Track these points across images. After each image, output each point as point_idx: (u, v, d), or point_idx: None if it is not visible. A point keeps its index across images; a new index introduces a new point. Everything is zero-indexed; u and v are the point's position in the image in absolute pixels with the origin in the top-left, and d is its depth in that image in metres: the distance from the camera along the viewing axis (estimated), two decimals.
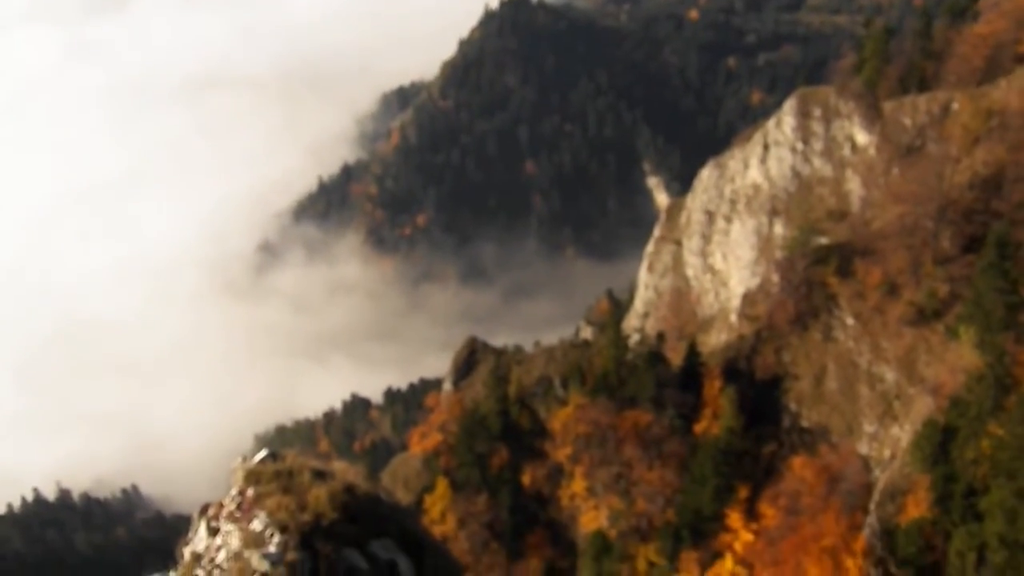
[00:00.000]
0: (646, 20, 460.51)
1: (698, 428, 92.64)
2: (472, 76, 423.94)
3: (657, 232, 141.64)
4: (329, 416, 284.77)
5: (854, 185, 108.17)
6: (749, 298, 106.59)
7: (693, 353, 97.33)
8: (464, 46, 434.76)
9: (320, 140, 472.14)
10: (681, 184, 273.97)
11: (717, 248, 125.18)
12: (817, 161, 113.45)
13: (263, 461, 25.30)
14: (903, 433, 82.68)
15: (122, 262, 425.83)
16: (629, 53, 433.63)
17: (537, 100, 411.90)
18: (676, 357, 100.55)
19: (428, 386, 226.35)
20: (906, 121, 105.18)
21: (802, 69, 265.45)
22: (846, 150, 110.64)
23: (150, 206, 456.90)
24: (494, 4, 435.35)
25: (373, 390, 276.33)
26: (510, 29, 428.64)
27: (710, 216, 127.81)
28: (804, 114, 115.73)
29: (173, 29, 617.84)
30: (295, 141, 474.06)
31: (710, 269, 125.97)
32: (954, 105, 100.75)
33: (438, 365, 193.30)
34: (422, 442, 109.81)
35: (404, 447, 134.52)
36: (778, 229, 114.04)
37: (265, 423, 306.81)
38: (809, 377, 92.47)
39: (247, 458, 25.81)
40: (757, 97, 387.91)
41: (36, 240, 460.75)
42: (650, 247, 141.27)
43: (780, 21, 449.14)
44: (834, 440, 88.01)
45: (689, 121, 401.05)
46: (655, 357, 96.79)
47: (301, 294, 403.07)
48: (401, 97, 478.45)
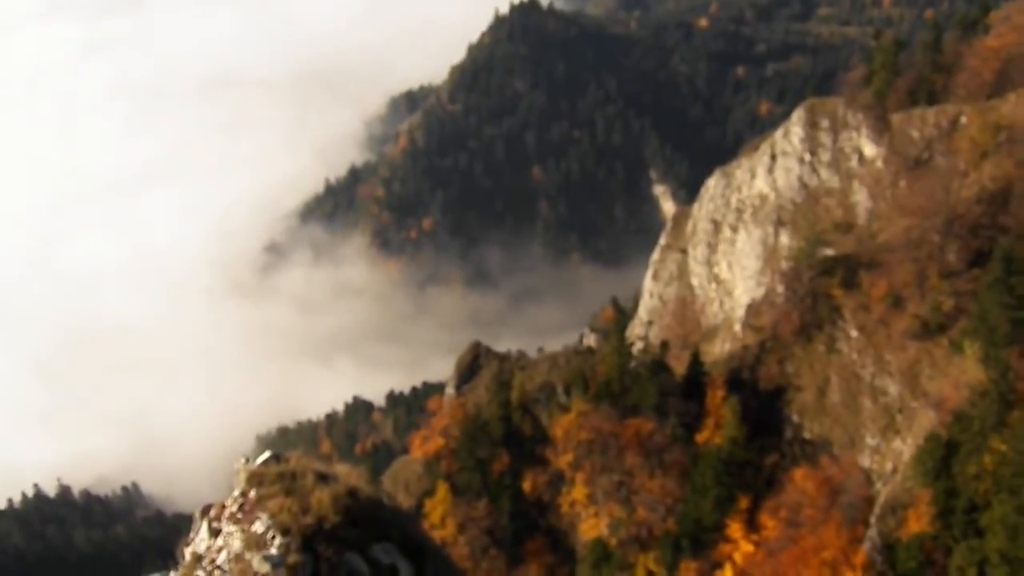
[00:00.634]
0: (656, 28, 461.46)
1: (700, 438, 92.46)
2: (481, 81, 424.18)
3: (663, 240, 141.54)
4: (331, 418, 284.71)
5: (861, 197, 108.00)
6: (754, 308, 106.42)
7: (696, 362, 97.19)
8: (473, 51, 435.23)
9: (328, 142, 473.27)
10: (688, 193, 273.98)
11: (723, 257, 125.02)
12: (824, 172, 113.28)
13: (266, 463, 25.33)
14: (905, 447, 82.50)
15: (131, 261, 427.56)
16: (638, 61, 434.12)
17: (546, 106, 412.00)
18: (679, 366, 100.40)
19: (431, 389, 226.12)
20: (914, 134, 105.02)
21: (811, 80, 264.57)
22: (853, 162, 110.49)
23: (160, 205, 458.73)
24: (504, 9, 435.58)
25: (376, 392, 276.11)
26: (520, 35, 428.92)
27: (716, 225, 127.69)
28: (812, 125, 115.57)
29: (186, 29, 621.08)
30: (304, 142, 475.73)
31: (715, 278, 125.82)
32: (963, 119, 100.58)
33: (442, 369, 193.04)
34: (423, 446, 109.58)
35: (405, 450, 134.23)
36: (784, 240, 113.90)
37: (268, 424, 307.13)
38: (812, 388, 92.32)
39: (250, 459, 25.83)
40: (765, 107, 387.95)
41: (47, 238, 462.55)
42: (655, 255, 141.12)
43: (790, 31, 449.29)
44: (836, 452, 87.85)
45: (697, 130, 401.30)
46: (658, 365, 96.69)
47: (307, 295, 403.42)
48: (410, 100, 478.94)
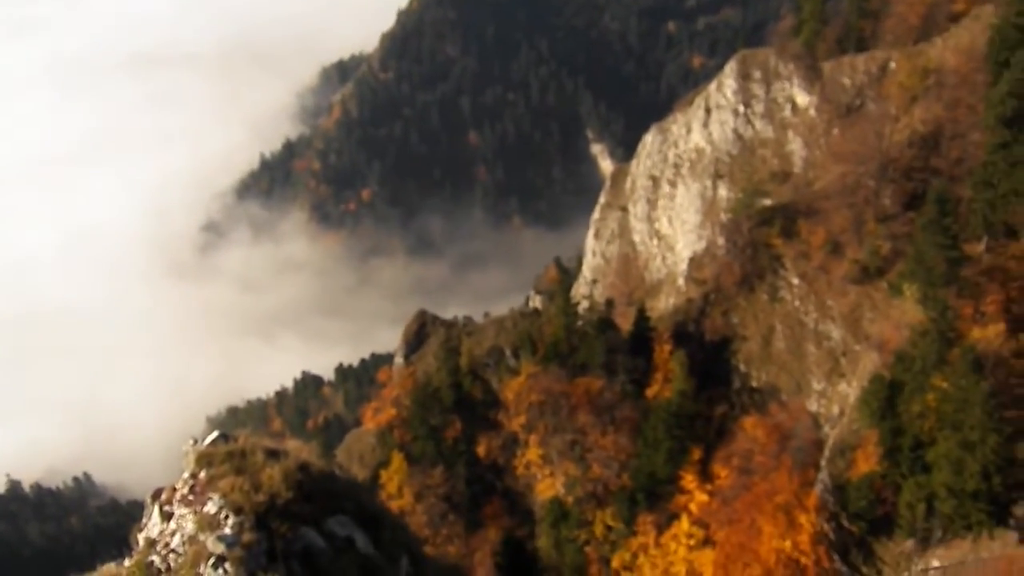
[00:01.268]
0: None
1: (650, 392, 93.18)
2: (412, 47, 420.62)
3: (602, 199, 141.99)
4: (281, 395, 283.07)
5: (796, 146, 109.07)
6: (695, 262, 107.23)
7: (642, 318, 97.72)
8: (403, 17, 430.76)
9: (261, 116, 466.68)
10: (625, 150, 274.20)
11: (663, 213, 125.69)
12: (759, 123, 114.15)
13: (214, 443, 25.14)
14: (851, 389, 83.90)
15: (66, 243, 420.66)
16: (569, 20, 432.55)
17: (479, 70, 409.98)
18: (625, 323, 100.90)
19: (380, 361, 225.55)
20: (845, 81, 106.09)
21: (742, 32, 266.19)
22: (787, 111, 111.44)
23: (92, 186, 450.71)
24: None
25: (324, 367, 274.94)
26: None
27: (655, 181, 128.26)
28: (744, 77, 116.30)
29: (114, 5, 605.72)
30: (236, 117, 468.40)
31: (656, 234, 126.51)
32: (892, 64, 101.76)
33: (389, 339, 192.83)
34: (375, 417, 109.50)
35: (358, 423, 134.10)
36: (722, 192, 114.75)
37: (217, 405, 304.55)
38: (757, 338, 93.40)
39: (198, 441, 25.63)
40: (698, 61, 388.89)
41: None
42: (596, 214, 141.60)
43: None
44: (784, 399, 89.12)
45: (631, 87, 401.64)
46: (605, 324, 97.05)
47: (248, 273, 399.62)
48: (341, 70, 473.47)
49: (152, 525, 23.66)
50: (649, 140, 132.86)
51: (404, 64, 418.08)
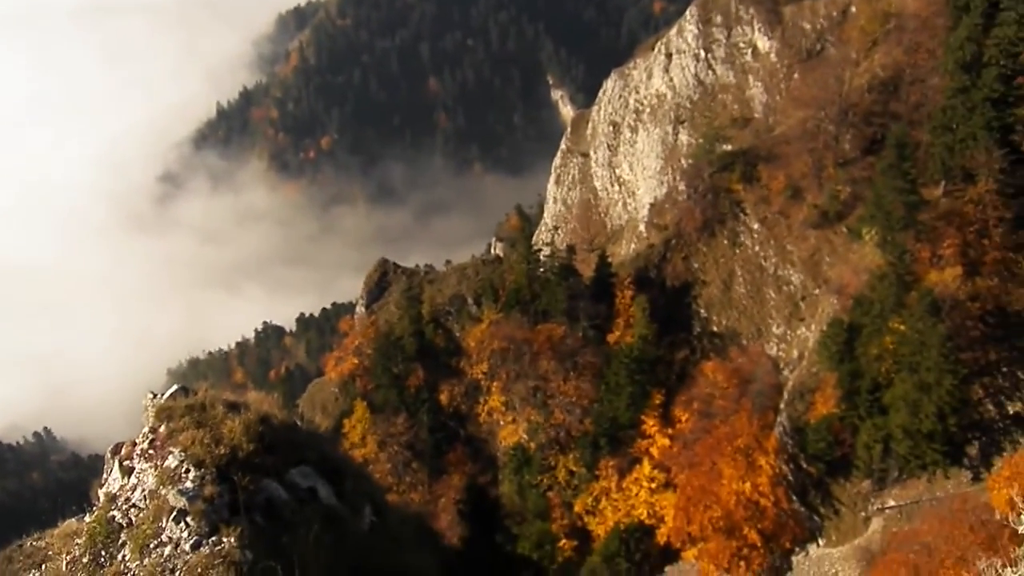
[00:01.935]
0: None
1: (612, 338, 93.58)
2: None
3: (564, 145, 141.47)
4: (243, 346, 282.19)
5: (756, 91, 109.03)
6: (657, 207, 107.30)
7: (604, 264, 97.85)
8: None
9: (216, 65, 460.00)
10: (586, 96, 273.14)
11: (624, 159, 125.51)
12: (719, 68, 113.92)
13: (174, 396, 24.88)
14: (810, 333, 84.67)
15: (22, 199, 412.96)
16: None
17: (437, 15, 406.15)
18: (587, 269, 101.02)
19: (341, 310, 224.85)
20: (806, 25, 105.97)
21: None
22: (748, 56, 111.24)
23: (47, 140, 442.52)
24: None
25: (286, 317, 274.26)
26: None
27: (615, 127, 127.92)
28: (705, 21, 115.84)
29: None
30: (191, 67, 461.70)
31: (617, 180, 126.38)
32: (852, 8, 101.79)
33: (351, 288, 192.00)
34: (337, 367, 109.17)
35: (320, 373, 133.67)
36: (683, 137, 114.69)
37: (179, 357, 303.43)
38: (718, 283, 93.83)
39: (158, 395, 25.37)
40: (659, 6, 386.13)
41: None
42: (557, 160, 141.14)
43: None
44: (744, 343, 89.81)
45: (592, 32, 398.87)
46: (566, 270, 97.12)
47: (208, 224, 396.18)
48: (298, 17, 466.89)
49: (112, 480, 23.46)
50: (610, 86, 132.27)
51: (362, 10, 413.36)
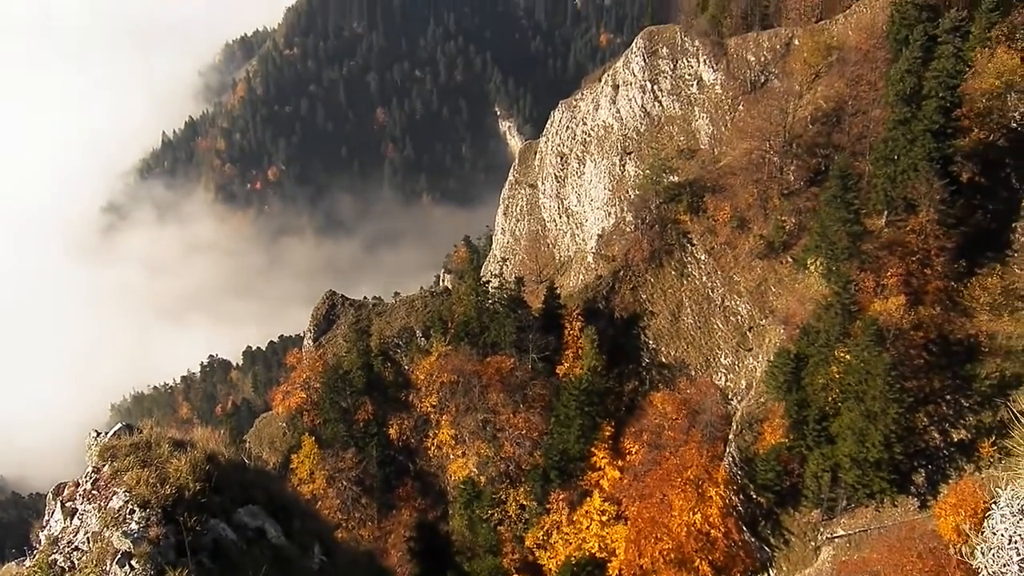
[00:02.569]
0: None
1: (561, 370, 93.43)
2: (317, 23, 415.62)
3: (512, 176, 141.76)
4: (188, 380, 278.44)
5: (702, 123, 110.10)
6: (605, 238, 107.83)
7: (552, 296, 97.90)
8: None
9: (163, 94, 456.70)
10: (534, 127, 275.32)
11: (571, 190, 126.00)
12: (666, 100, 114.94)
13: (118, 435, 24.33)
14: (758, 363, 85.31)
15: None
16: None
17: (386, 46, 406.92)
18: (536, 300, 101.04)
19: (289, 343, 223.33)
20: (750, 58, 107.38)
21: (648, 8, 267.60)
22: (694, 88, 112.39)
23: None
24: None
25: (233, 350, 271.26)
26: None
27: (563, 158, 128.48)
28: (651, 53, 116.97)
29: None
30: (136, 96, 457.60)
31: (565, 211, 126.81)
32: (795, 41, 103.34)
33: (300, 320, 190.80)
34: (285, 401, 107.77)
35: (267, 407, 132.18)
36: (631, 168, 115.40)
37: (123, 392, 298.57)
38: (666, 314, 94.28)
39: (101, 433, 24.83)
40: (605, 38, 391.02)
41: None
42: (505, 191, 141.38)
43: None
44: (692, 373, 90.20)
45: (539, 63, 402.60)
46: (515, 302, 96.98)
47: (153, 255, 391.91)
48: (245, 47, 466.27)
49: (54, 522, 22.82)
50: (557, 117, 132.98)
51: (310, 40, 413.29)
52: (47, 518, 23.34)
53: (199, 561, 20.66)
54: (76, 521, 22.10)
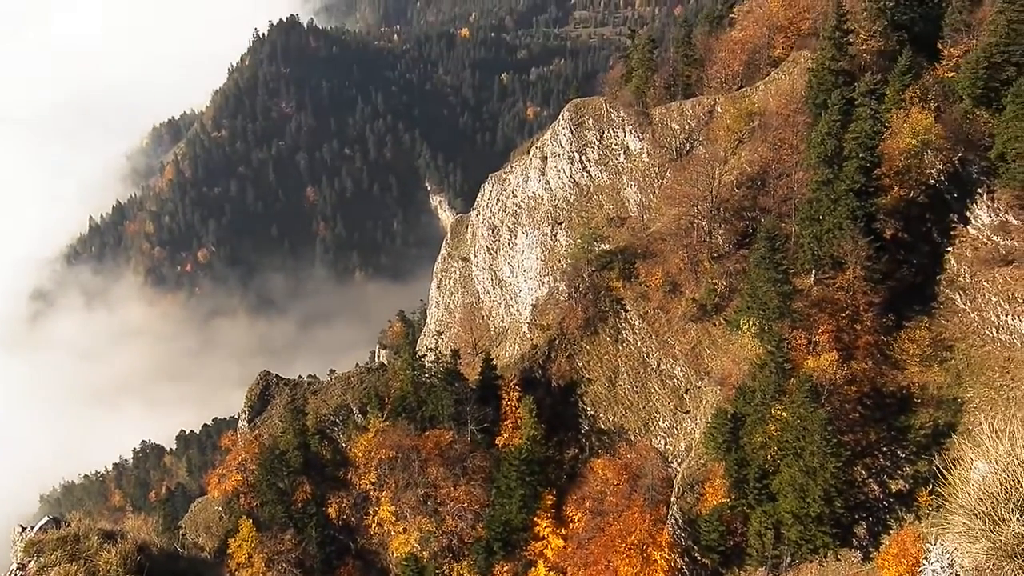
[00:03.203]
0: (418, 40, 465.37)
1: (500, 441, 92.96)
2: (245, 104, 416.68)
3: (444, 250, 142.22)
4: (120, 467, 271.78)
5: (631, 191, 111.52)
6: (539, 308, 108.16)
7: (489, 367, 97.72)
8: (235, 73, 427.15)
9: (89, 179, 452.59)
10: (464, 201, 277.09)
11: (504, 261, 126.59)
12: (594, 170, 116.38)
13: (44, 529, 23.66)
14: (696, 425, 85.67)
15: None
16: (404, 74, 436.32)
17: (314, 126, 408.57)
18: (472, 373, 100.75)
19: (223, 425, 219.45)
20: (675, 126, 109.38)
21: (573, 81, 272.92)
22: (621, 157, 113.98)
23: None
24: (264, 29, 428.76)
25: (167, 435, 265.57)
26: (281, 55, 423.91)
27: (495, 230, 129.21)
28: (578, 125, 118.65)
29: None
30: (62, 182, 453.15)
31: (499, 283, 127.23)
32: (718, 108, 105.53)
33: (235, 402, 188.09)
34: (221, 484, 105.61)
35: (202, 492, 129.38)
36: (562, 238, 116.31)
37: (52, 482, 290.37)
38: (603, 380, 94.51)
39: (27, 527, 24.12)
40: (532, 111, 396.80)
41: None
42: (438, 265, 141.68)
43: (549, 36, 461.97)
44: (632, 438, 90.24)
45: (468, 138, 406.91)
46: (452, 375, 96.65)
47: (82, 342, 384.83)
48: (173, 130, 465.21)
49: None
50: (487, 190, 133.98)
51: (238, 122, 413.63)
52: None
53: None
54: None
